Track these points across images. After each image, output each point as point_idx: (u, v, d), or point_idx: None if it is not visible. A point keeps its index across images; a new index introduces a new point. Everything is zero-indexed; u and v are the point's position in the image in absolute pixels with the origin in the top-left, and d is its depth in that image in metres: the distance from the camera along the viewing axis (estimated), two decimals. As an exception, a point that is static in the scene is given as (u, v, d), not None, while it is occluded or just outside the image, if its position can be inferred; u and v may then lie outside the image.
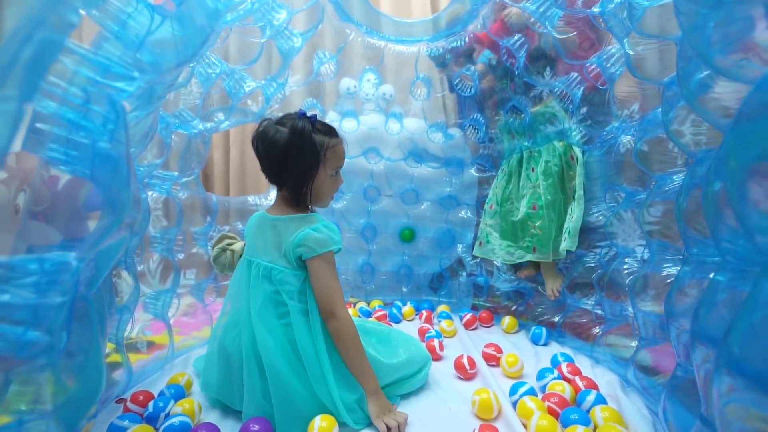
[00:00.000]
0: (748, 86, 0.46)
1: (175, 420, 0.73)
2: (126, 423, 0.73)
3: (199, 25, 0.66)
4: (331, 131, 0.85)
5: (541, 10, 1.09)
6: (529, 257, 1.29)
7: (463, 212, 1.62)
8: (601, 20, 0.95)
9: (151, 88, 0.60)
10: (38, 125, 0.43)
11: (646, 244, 0.85)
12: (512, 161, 1.41)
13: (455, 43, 1.43)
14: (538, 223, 1.26)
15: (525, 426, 0.71)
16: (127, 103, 0.54)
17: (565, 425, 0.70)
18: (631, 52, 0.85)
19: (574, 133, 1.23)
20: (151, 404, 0.79)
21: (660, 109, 0.88)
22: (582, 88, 1.17)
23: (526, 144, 1.34)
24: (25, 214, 0.44)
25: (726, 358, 0.43)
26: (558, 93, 1.22)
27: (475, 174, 1.62)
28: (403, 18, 1.56)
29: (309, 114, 0.82)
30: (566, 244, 1.18)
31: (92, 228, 0.49)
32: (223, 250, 1.03)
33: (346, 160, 1.55)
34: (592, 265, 1.16)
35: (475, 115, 1.52)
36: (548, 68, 1.23)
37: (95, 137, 0.45)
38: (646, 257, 0.92)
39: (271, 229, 0.83)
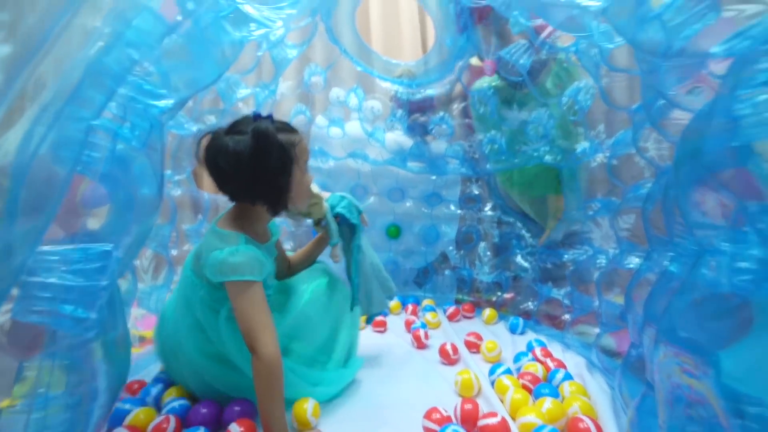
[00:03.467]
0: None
1: (175, 403, 0.78)
2: (128, 406, 0.77)
3: (221, 52, 0.70)
4: (291, 128, 0.79)
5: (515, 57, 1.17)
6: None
7: (446, 208, 1.71)
8: (575, 56, 1.06)
9: (180, 104, 0.64)
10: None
11: (618, 244, 0.95)
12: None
13: (432, 92, 1.49)
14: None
15: (501, 400, 0.80)
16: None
17: (536, 398, 0.78)
18: (603, 84, 0.97)
19: (548, 155, 1.33)
20: (143, 390, 0.83)
21: (627, 131, 1.02)
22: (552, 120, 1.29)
23: (515, 161, 1.43)
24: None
25: (663, 331, 0.52)
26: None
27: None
28: (394, 54, 1.61)
29: (264, 114, 0.76)
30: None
31: (95, 224, 0.53)
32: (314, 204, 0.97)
33: (334, 162, 1.64)
34: (567, 261, 1.26)
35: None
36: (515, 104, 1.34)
37: (120, 140, 0.49)
38: (613, 255, 1.02)
39: (203, 239, 0.78)
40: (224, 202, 1.61)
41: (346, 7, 1.37)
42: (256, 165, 0.70)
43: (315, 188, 0.97)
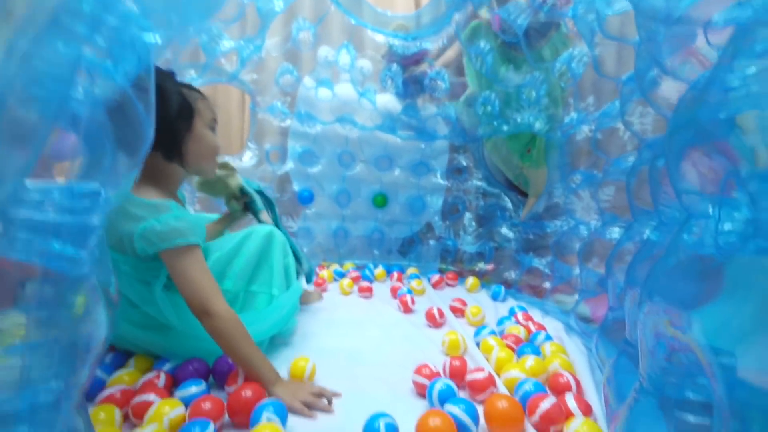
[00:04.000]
0: (686, 84, 0.58)
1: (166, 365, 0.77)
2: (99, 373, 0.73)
3: None
4: (194, 88, 0.78)
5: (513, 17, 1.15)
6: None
7: (433, 178, 1.71)
8: (571, 22, 1.05)
9: (167, 41, 0.59)
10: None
11: (599, 215, 0.98)
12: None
13: (429, 45, 1.44)
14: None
15: (487, 359, 0.84)
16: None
17: (519, 356, 0.83)
18: (596, 52, 0.96)
19: (538, 123, 1.34)
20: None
21: (613, 103, 1.04)
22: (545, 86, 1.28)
23: (504, 128, 1.43)
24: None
25: (648, 290, 0.55)
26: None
27: (445, 143, 1.70)
28: (386, 8, 1.52)
29: (166, 70, 0.74)
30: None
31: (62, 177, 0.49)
32: (219, 179, 0.99)
33: (321, 126, 1.60)
34: (550, 231, 1.31)
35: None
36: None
37: (101, 77, 0.45)
38: (596, 227, 1.07)
39: (122, 205, 0.69)
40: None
41: (336, -44, 1.30)
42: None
43: (228, 161, 1.01)
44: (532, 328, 0.98)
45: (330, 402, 0.69)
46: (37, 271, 0.34)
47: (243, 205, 1.06)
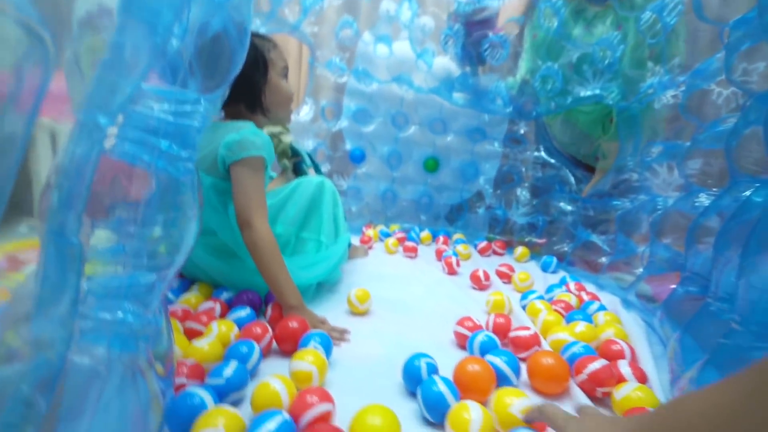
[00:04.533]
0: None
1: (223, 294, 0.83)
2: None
3: None
4: (265, 36, 0.82)
5: None
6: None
7: (488, 145, 1.64)
8: None
9: None
10: None
11: (685, 186, 0.89)
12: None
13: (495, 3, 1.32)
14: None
15: (533, 321, 0.81)
16: None
17: (569, 322, 0.79)
18: None
19: (609, 93, 1.21)
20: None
21: (708, 61, 0.90)
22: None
23: (566, 103, 1.32)
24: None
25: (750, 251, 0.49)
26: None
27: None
28: None
29: None
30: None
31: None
32: (273, 135, 1.05)
33: (377, 85, 1.58)
34: (616, 205, 1.20)
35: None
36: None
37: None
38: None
39: (207, 134, 0.76)
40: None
41: None
42: None
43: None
44: (585, 297, 0.93)
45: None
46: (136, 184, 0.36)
47: (292, 164, 1.09)
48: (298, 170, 1.12)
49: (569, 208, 1.40)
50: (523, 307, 0.89)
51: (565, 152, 1.56)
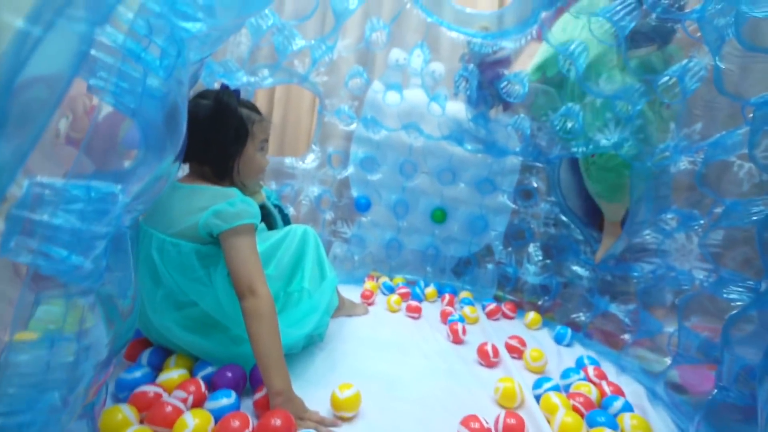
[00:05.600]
0: None
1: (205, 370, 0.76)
2: (138, 374, 0.72)
3: None
4: (255, 108, 0.85)
5: (616, 18, 0.99)
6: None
7: (499, 197, 1.58)
8: (692, 26, 0.88)
9: (210, 33, 0.58)
10: (93, 52, 0.41)
11: (713, 268, 0.81)
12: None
13: (510, 44, 1.29)
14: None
15: (548, 421, 0.71)
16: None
17: (590, 426, 0.69)
18: (723, 65, 0.79)
19: (626, 145, 1.16)
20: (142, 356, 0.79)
21: (729, 133, 0.85)
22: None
23: (581, 150, 1.27)
24: (63, 140, 0.43)
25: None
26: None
27: (516, 161, 1.56)
28: (467, 4, 1.41)
29: (233, 89, 0.81)
30: None
31: (128, 165, 0.48)
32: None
33: (386, 132, 1.55)
34: (636, 276, 1.12)
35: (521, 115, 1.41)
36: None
37: (148, 72, 0.43)
38: (705, 281, 0.88)
39: (185, 199, 0.76)
40: (271, 164, 1.58)
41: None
42: (211, 127, 0.75)
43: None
44: (606, 389, 0.82)
45: None
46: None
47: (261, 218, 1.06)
48: (268, 224, 1.09)
49: (585, 273, 1.31)
50: (537, 398, 0.79)
51: (575, 206, 1.49)
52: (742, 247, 0.79)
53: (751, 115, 0.76)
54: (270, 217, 1.07)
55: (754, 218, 0.76)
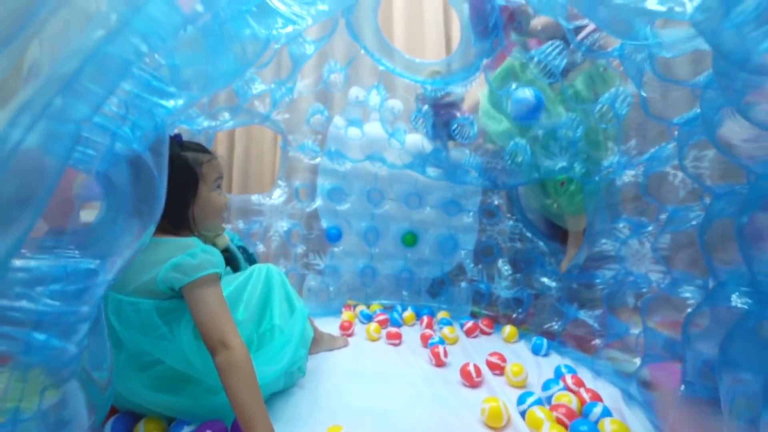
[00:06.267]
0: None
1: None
2: None
3: (247, 51, 0.64)
4: (201, 147, 0.81)
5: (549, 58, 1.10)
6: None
7: (465, 218, 1.64)
8: (615, 61, 0.99)
9: (188, 105, 0.58)
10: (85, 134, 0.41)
11: (666, 270, 0.88)
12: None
13: (460, 89, 1.38)
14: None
15: (535, 437, 0.73)
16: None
17: (574, 437, 0.71)
18: (645, 93, 0.90)
19: (576, 167, 1.26)
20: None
21: (662, 147, 0.98)
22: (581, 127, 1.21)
23: (535, 176, 1.36)
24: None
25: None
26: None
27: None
28: (416, 53, 1.52)
29: (173, 134, 0.77)
30: None
31: (86, 218, 0.47)
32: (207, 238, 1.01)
33: (350, 164, 1.58)
34: (599, 282, 1.19)
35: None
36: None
37: (119, 140, 0.44)
38: (660, 282, 0.95)
39: (140, 253, 0.70)
40: (237, 203, 1.57)
41: (368, 3, 1.30)
42: None
43: None
44: (585, 396, 0.86)
45: None
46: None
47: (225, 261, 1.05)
48: (232, 266, 1.08)
49: (553, 283, 1.37)
50: (522, 413, 0.81)
51: (537, 222, 1.57)
52: (689, 249, 0.86)
53: (676, 132, 0.86)
54: (234, 260, 1.06)
55: (693, 222, 0.84)
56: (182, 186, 0.75)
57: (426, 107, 1.42)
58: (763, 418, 0.41)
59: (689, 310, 0.74)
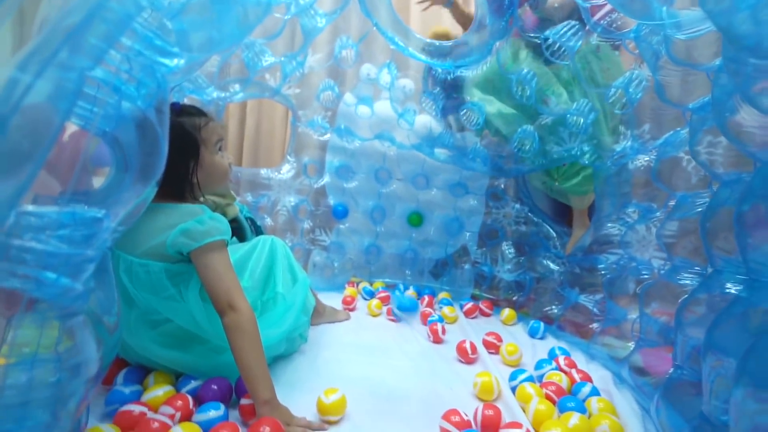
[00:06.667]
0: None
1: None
2: (127, 390, 0.72)
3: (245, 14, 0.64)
4: (197, 111, 0.80)
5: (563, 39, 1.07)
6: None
7: (471, 200, 1.64)
8: (632, 44, 0.97)
9: (191, 66, 0.59)
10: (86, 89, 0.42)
11: (667, 257, 0.88)
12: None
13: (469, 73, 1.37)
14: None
15: (524, 409, 0.76)
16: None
17: (561, 411, 0.74)
18: (660, 78, 0.88)
19: (586, 153, 1.24)
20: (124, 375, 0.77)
21: (676, 132, 0.95)
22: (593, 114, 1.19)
23: (544, 162, 1.35)
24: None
25: (747, 371, 0.46)
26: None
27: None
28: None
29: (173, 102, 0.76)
30: None
31: (97, 184, 0.49)
32: (218, 206, 1.02)
33: (359, 142, 1.59)
34: (602, 267, 1.19)
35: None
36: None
37: (123, 98, 0.44)
38: (662, 269, 0.95)
39: (150, 218, 0.72)
40: (246, 176, 1.60)
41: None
42: None
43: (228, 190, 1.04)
44: (576, 376, 0.88)
45: None
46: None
47: (232, 231, 1.08)
48: (241, 238, 1.10)
49: (556, 267, 1.38)
50: (513, 389, 0.84)
51: (543, 205, 1.57)
52: (692, 236, 0.86)
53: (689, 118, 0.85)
54: (242, 231, 1.08)
55: (699, 209, 0.83)
56: (182, 152, 0.75)
57: (438, 89, 1.41)
58: (734, 395, 0.42)
59: (685, 296, 0.75)
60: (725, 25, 0.49)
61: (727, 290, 0.58)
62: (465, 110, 1.37)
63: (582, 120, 1.19)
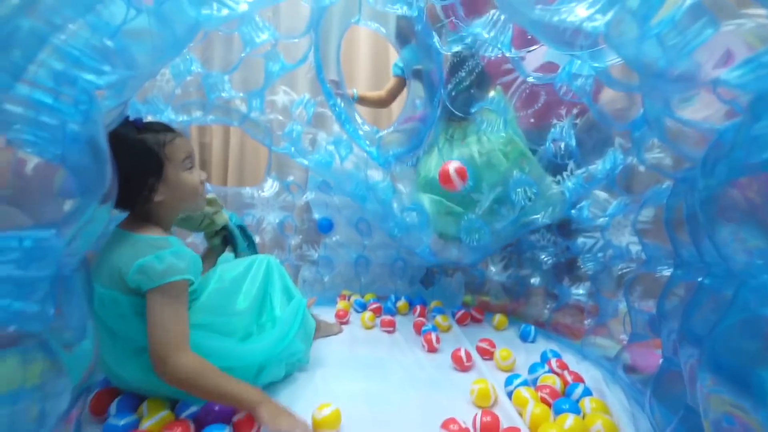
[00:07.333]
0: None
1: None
2: (122, 422, 0.70)
3: (178, 32, 0.63)
4: (164, 127, 0.76)
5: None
6: None
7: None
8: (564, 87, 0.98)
9: (123, 82, 0.57)
10: (7, 105, 0.40)
11: (642, 246, 0.91)
12: None
13: None
14: None
15: (520, 414, 0.77)
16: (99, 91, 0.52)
17: (557, 413, 0.76)
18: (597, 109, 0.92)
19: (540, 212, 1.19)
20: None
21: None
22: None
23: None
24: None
25: (708, 356, 0.49)
26: None
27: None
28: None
29: (132, 118, 0.72)
30: None
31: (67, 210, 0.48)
32: (206, 215, 1.00)
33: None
34: (583, 259, 1.21)
35: None
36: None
37: (66, 118, 0.44)
38: (639, 254, 0.98)
39: (116, 247, 0.70)
40: (230, 195, 1.58)
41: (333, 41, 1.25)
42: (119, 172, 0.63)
43: (215, 197, 1.03)
44: (568, 378, 0.90)
45: None
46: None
47: (223, 240, 1.06)
48: (231, 245, 1.09)
49: (543, 256, 1.37)
50: (509, 394, 0.85)
51: None
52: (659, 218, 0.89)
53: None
54: (233, 239, 1.06)
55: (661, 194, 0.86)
56: (143, 169, 0.70)
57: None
58: (700, 380, 0.45)
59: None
60: (632, 56, 0.51)
61: (693, 279, 0.61)
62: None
63: (527, 189, 1.14)
